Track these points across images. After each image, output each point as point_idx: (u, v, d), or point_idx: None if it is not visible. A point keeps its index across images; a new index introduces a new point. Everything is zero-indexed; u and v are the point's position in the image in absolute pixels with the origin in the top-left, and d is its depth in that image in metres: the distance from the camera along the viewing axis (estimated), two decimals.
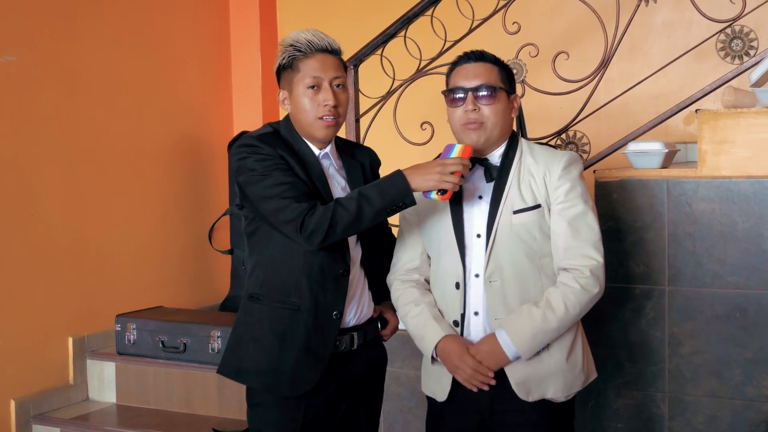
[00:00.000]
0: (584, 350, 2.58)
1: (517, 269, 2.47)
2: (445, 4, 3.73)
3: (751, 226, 3.02)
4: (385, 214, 2.41)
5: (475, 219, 2.52)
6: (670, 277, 3.13)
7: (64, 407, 4.04)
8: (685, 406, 3.15)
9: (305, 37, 2.53)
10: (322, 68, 2.52)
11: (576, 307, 2.42)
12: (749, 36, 3.36)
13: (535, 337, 2.41)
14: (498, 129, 2.51)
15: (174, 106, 4.81)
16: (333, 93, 2.51)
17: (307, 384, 2.51)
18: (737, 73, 3.30)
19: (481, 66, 2.53)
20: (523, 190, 2.48)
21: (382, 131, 3.92)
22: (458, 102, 2.51)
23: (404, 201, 2.40)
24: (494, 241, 2.46)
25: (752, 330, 3.04)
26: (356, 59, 3.88)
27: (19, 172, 3.86)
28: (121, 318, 4.11)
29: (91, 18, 4.24)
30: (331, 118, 2.51)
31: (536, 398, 2.47)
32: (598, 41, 3.55)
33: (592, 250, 2.45)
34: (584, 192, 2.50)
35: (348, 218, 2.38)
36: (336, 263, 2.53)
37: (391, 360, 3.54)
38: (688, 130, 4.48)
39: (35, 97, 3.95)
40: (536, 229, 2.47)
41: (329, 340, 2.53)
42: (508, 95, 2.54)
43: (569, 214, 2.46)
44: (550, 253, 2.49)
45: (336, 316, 2.53)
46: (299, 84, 2.52)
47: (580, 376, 2.54)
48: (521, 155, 2.54)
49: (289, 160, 2.49)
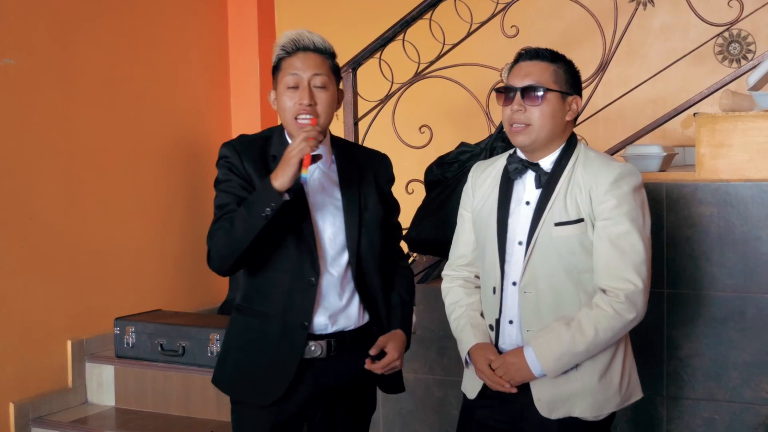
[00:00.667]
0: (625, 370, 2.47)
1: (553, 282, 2.38)
2: (443, 8, 3.74)
3: (749, 229, 3.03)
4: (260, 221, 2.31)
5: (519, 225, 2.43)
6: (669, 280, 3.13)
7: (62, 410, 4.04)
8: (683, 408, 3.15)
9: (290, 36, 2.49)
10: (302, 67, 2.45)
11: (607, 332, 2.32)
12: (747, 40, 3.38)
13: (561, 358, 2.33)
14: (546, 131, 2.39)
15: (172, 108, 4.81)
16: (309, 92, 2.44)
17: (275, 393, 2.48)
18: (735, 76, 3.31)
19: (535, 65, 2.43)
20: (569, 202, 2.37)
21: (380, 134, 3.92)
22: (506, 101, 2.43)
23: (271, 203, 2.30)
24: (533, 251, 2.38)
25: (750, 333, 3.04)
26: (355, 62, 3.89)
27: (18, 175, 3.87)
28: (119, 321, 4.11)
29: (89, 21, 4.24)
30: (307, 118, 2.43)
31: (560, 416, 2.39)
32: (596, 45, 3.56)
33: (633, 273, 2.32)
34: (632, 209, 2.35)
35: (224, 238, 2.38)
36: (304, 272, 2.46)
37: None
38: (686, 133, 4.49)
39: (34, 99, 3.95)
40: (577, 243, 2.36)
41: (297, 349, 2.47)
42: (563, 96, 2.42)
43: (612, 233, 2.34)
44: (589, 269, 2.38)
45: (304, 326, 2.46)
46: (281, 83, 2.48)
47: (615, 397, 2.43)
48: (575, 164, 2.41)
49: (250, 170, 2.46)
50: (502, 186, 2.50)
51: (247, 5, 5.27)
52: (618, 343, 2.44)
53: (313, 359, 2.49)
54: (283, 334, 2.48)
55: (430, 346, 3.50)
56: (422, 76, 3.86)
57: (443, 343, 3.42)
